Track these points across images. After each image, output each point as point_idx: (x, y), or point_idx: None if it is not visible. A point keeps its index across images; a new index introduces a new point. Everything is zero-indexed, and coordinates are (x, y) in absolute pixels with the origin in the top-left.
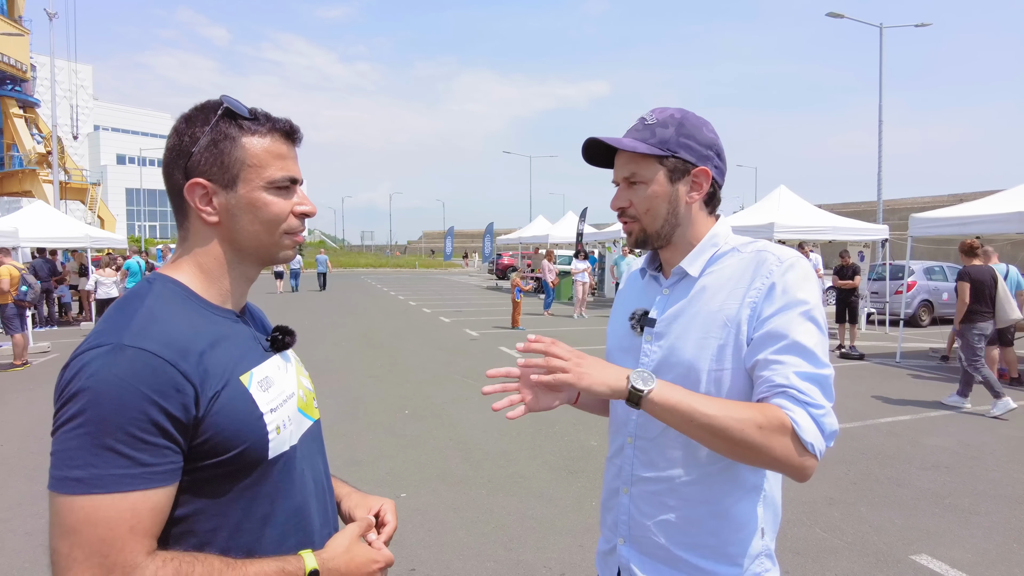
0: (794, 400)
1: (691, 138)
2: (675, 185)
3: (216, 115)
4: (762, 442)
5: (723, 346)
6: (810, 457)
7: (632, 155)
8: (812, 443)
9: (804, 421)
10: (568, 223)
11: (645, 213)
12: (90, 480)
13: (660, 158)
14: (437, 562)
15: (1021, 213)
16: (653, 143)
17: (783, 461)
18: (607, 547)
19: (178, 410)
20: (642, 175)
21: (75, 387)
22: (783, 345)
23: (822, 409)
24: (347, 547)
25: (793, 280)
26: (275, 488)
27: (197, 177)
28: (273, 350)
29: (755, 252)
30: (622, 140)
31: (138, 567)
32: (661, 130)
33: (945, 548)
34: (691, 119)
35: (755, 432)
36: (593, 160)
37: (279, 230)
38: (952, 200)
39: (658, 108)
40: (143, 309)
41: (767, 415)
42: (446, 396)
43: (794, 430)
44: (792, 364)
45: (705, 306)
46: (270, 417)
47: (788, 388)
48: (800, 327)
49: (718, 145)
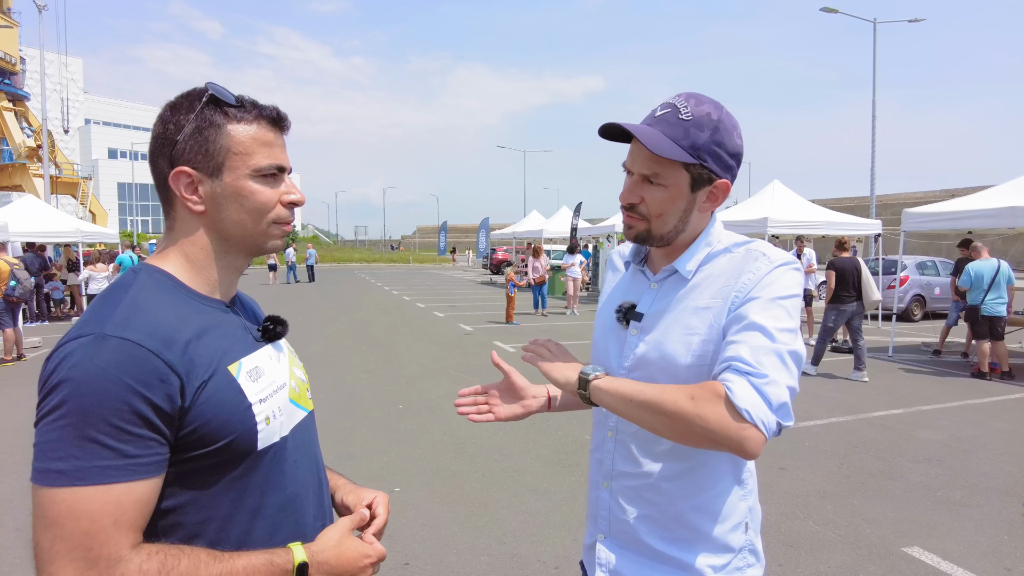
0: (735, 371)
1: (722, 146)
2: (694, 194)
3: (201, 102)
4: (694, 411)
5: (705, 341)
6: (749, 427)
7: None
8: (747, 410)
9: (740, 388)
10: (562, 218)
11: (657, 216)
12: (72, 472)
13: (687, 164)
14: (431, 556)
15: (1012, 208)
16: (685, 146)
17: (719, 432)
18: (590, 541)
19: (162, 400)
20: (665, 178)
21: (57, 378)
22: (742, 326)
23: (764, 378)
24: (338, 540)
25: (776, 275)
26: (265, 480)
27: (182, 165)
28: (264, 340)
29: (747, 251)
30: (653, 138)
31: (122, 560)
32: (695, 132)
33: (937, 540)
34: (726, 122)
35: (687, 403)
36: (609, 134)
37: (266, 219)
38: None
39: (693, 98)
40: (127, 299)
41: (703, 387)
42: (440, 391)
43: (727, 397)
44: (748, 340)
45: (692, 303)
46: (259, 407)
47: (733, 360)
48: (764, 311)
49: (741, 154)
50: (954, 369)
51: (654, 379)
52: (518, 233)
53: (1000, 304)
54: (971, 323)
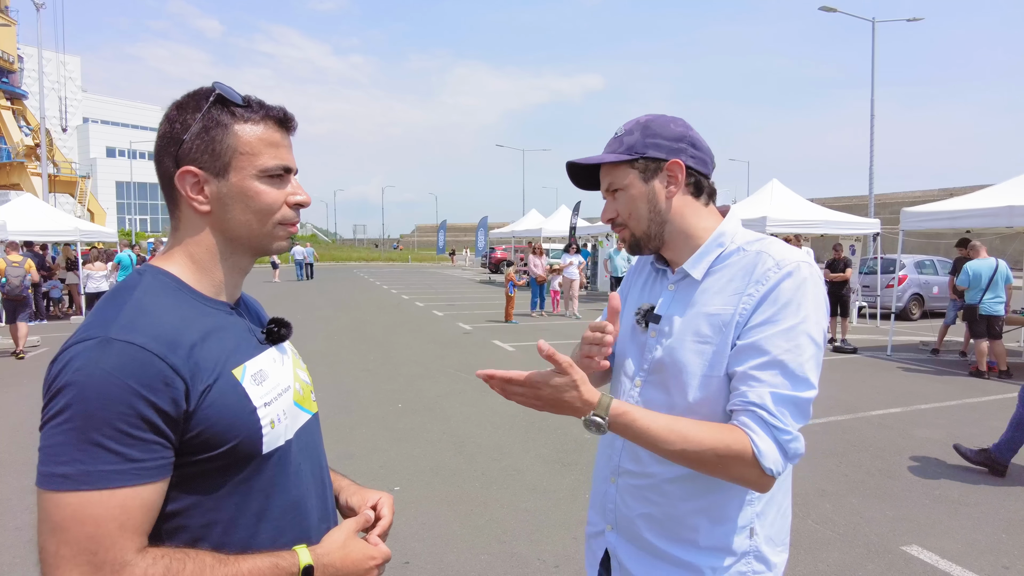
0: (762, 423)
1: (657, 136)
2: (649, 183)
3: (208, 102)
4: (718, 466)
5: (716, 352)
6: (769, 479)
7: (607, 167)
8: (771, 469)
9: (767, 447)
10: (561, 217)
11: (629, 217)
12: (77, 476)
13: (630, 162)
14: (431, 555)
15: (1010, 207)
16: (621, 151)
17: (742, 481)
18: (593, 530)
19: (167, 404)
20: (618, 182)
21: (61, 381)
22: (763, 361)
23: (789, 435)
24: (343, 543)
25: (788, 289)
26: (270, 483)
27: (188, 165)
28: (268, 342)
29: (756, 253)
30: (592, 157)
31: (128, 564)
32: (628, 138)
33: (935, 539)
34: (657, 120)
35: (712, 457)
36: (581, 183)
37: (272, 220)
38: (942, 194)
39: (629, 120)
40: (132, 301)
41: (728, 443)
42: (439, 390)
43: (755, 456)
44: (769, 383)
45: (705, 308)
46: (264, 411)
47: (758, 409)
48: (785, 343)
49: (690, 136)
50: (952, 368)
51: (667, 384)
52: (517, 232)
53: (998, 303)
54: (969, 322)
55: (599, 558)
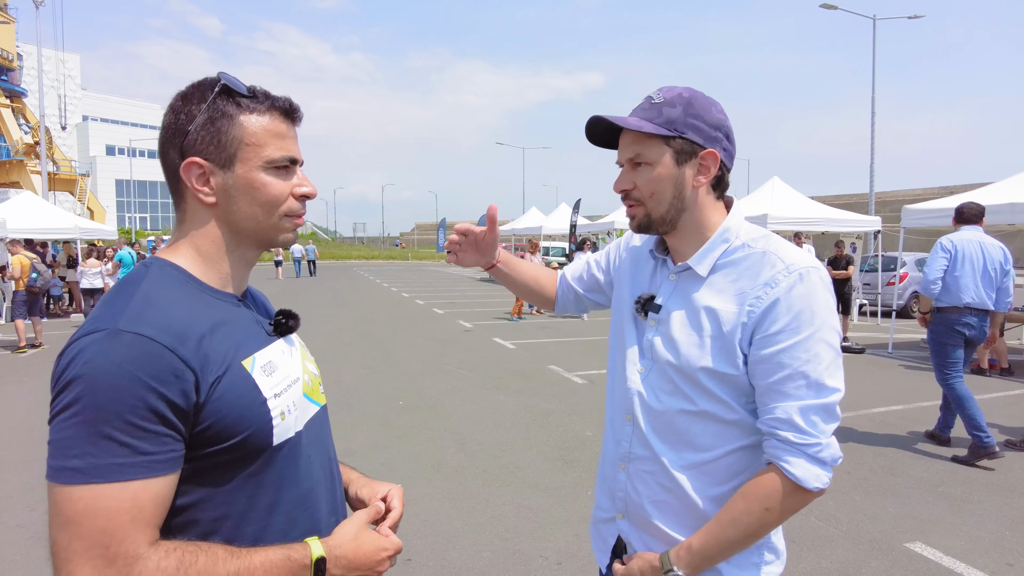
0: (790, 445)
1: (699, 118)
2: (681, 168)
3: (213, 92)
4: (779, 516)
5: (720, 348)
6: (819, 492)
7: (637, 135)
8: (817, 486)
9: (803, 472)
10: (562, 214)
11: (650, 196)
12: (88, 470)
13: (666, 139)
14: (433, 552)
15: (1011, 205)
16: (659, 123)
17: (801, 506)
18: (604, 515)
19: (177, 396)
20: (647, 156)
21: (70, 374)
22: (786, 375)
23: (818, 446)
24: (355, 534)
25: (801, 296)
26: (280, 475)
27: (193, 156)
28: (276, 334)
29: (763, 253)
30: (627, 119)
31: (140, 558)
32: (668, 110)
33: (939, 536)
34: (700, 99)
35: (770, 518)
36: (596, 139)
37: (278, 212)
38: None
39: (666, 87)
40: (139, 294)
41: (768, 495)
42: (440, 387)
43: (797, 485)
44: (794, 396)
45: (708, 304)
46: (274, 403)
47: (785, 431)
48: (805, 354)
49: (727, 126)
50: None
51: (668, 375)
52: (517, 230)
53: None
54: None
55: (611, 545)
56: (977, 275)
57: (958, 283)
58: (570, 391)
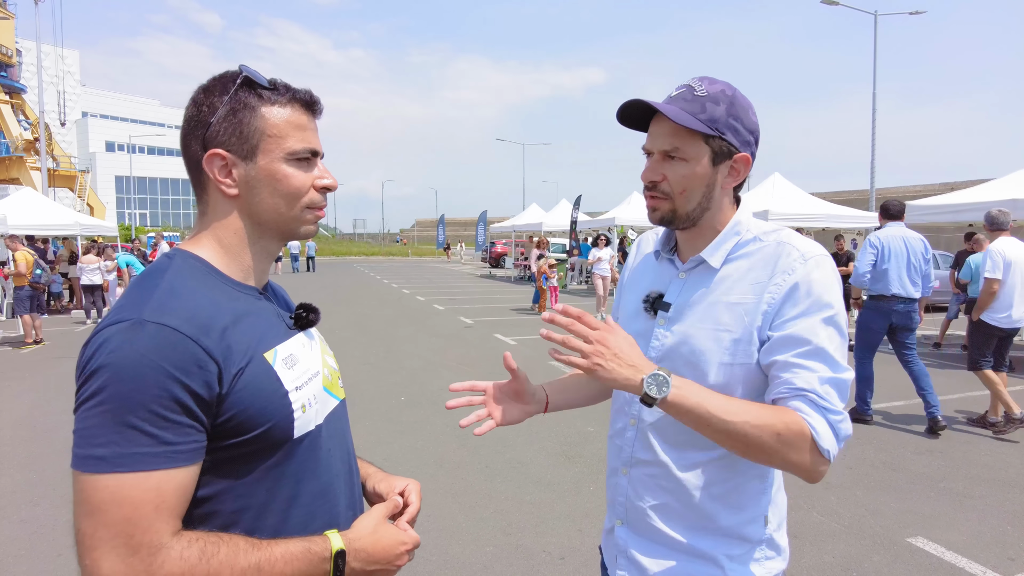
0: (814, 405)
1: (739, 120)
2: (716, 168)
3: (235, 84)
4: (779, 450)
5: (737, 340)
6: (824, 463)
7: (676, 127)
8: (829, 450)
9: (823, 428)
10: (562, 211)
11: (680, 193)
12: (113, 458)
13: (707, 137)
14: (436, 547)
15: (1013, 201)
16: (703, 119)
17: (797, 466)
18: (609, 526)
19: (201, 387)
20: (686, 152)
21: (95, 364)
22: (807, 350)
23: (840, 415)
24: (373, 528)
25: (818, 280)
26: (301, 468)
27: (216, 148)
28: (297, 327)
29: (777, 244)
30: (673, 110)
31: (163, 547)
32: (712, 106)
33: (940, 531)
34: (740, 99)
35: (772, 440)
36: (626, 120)
37: (300, 204)
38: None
39: (707, 78)
40: (163, 284)
41: (787, 423)
42: (442, 383)
43: (812, 438)
44: (815, 369)
45: (723, 297)
46: (295, 395)
47: (809, 392)
48: (824, 332)
49: (759, 132)
50: (954, 362)
51: (680, 372)
52: (517, 226)
53: None
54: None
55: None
56: (902, 267)
57: (886, 275)
58: None
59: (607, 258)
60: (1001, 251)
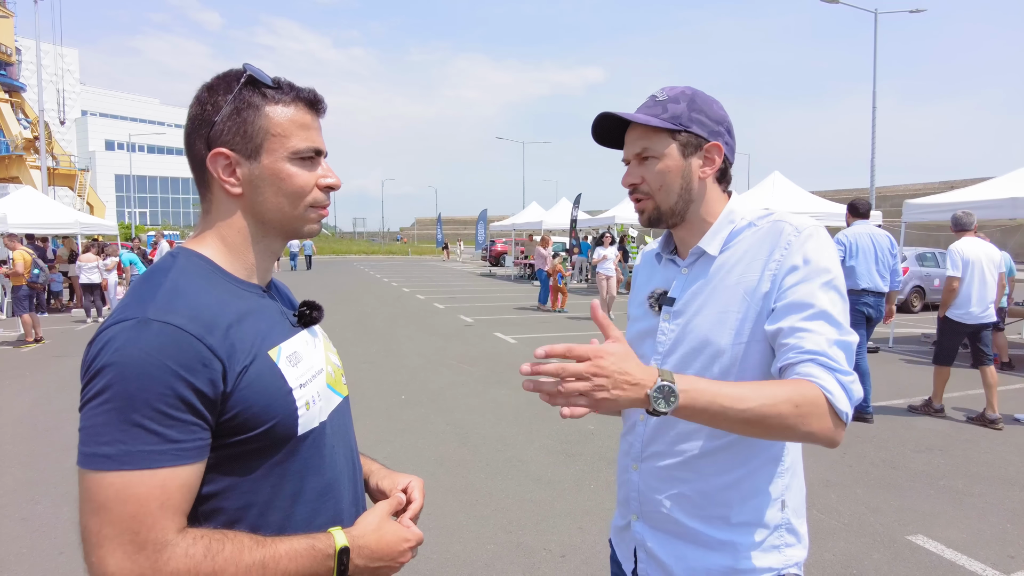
0: (825, 367)
1: (702, 113)
2: (688, 159)
3: (239, 83)
4: (798, 422)
5: (743, 319)
6: (842, 426)
7: (644, 130)
8: (845, 412)
9: (837, 390)
10: (562, 209)
11: (659, 189)
12: (119, 456)
13: (673, 132)
14: (437, 545)
15: (1013, 199)
16: (665, 118)
17: (817, 434)
18: (622, 523)
19: (205, 385)
20: (654, 150)
21: (101, 362)
22: (811, 313)
23: (850, 375)
24: (377, 525)
25: (814, 249)
26: (305, 465)
27: (220, 147)
28: (300, 325)
29: (772, 223)
30: (634, 114)
31: (169, 544)
32: (673, 105)
33: (940, 529)
34: (701, 96)
35: (791, 413)
36: (603, 140)
37: (303, 203)
38: (943, 187)
39: (668, 86)
40: (168, 283)
41: (801, 392)
42: (442, 381)
43: (828, 401)
44: (821, 331)
45: (723, 281)
46: (299, 392)
47: (819, 355)
48: (826, 296)
49: (728, 121)
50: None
51: (688, 362)
52: (517, 225)
53: (1001, 295)
54: None
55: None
56: (870, 262)
57: (855, 271)
58: None
59: (612, 257)
60: (960, 250)
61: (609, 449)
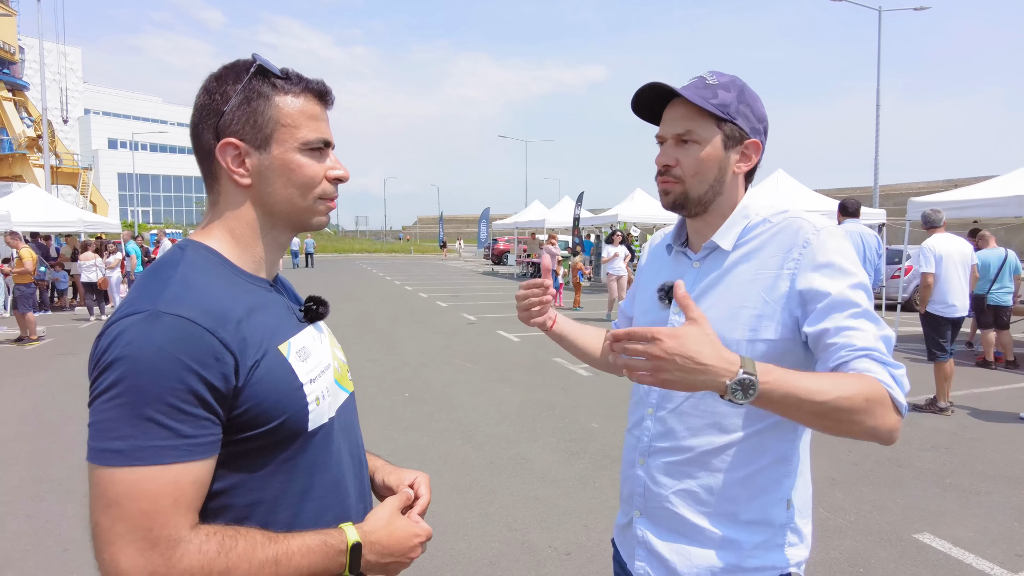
0: (879, 362)
1: (749, 107)
2: (728, 152)
3: (248, 73)
4: (866, 417)
5: (759, 316)
6: (900, 419)
7: (690, 112)
8: (903, 404)
9: (893, 384)
10: (564, 208)
11: (693, 175)
12: (130, 452)
13: (719, 121)
14: (442, 543)
15: (1018, 197)
16: (715, 103)
17: (881, 429)
18: (624, 520)
19: (218, 380)
20: (699, 134)
21: (111, 356)
22: (854, 312)
23: (900, 368)
24: (388, 520)
25: (837, 248)
26: (313, 461)
27: (229, 137)
28: (307, 320)
29: (787, 220)
30: (688, 91)
31: (182, 540)
32: (723, 93)
33: (947, 527)
34: (749, 89)
35: (862, 407)
36: (640, 110)
37: (313, 194)
38: (947, 185)
39: (717, 71)
40: (177, 275)
41: (870, 386)
42: (445, 379)
43: (889, 395)
44: (867, 328)
45: (738, 277)
46: (309, 388)
47: (872, 351)
48: (860, 294)
49: (767, 122)
50: (959, 358)
51: None
52: (520, 223)
53: (1006, 293)
54: (976, 312)
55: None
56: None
57: None
58: (575, 383)
59: (623, 255)
60: (932, 247)
61: (613, 447)
